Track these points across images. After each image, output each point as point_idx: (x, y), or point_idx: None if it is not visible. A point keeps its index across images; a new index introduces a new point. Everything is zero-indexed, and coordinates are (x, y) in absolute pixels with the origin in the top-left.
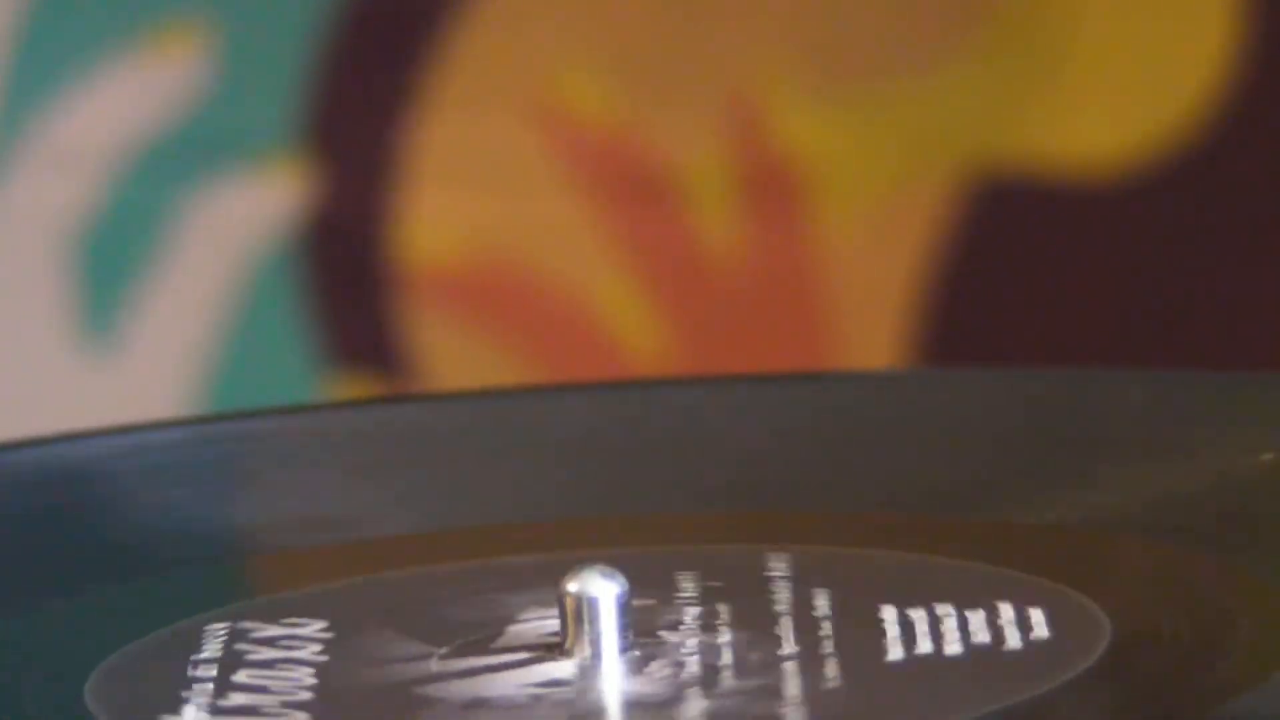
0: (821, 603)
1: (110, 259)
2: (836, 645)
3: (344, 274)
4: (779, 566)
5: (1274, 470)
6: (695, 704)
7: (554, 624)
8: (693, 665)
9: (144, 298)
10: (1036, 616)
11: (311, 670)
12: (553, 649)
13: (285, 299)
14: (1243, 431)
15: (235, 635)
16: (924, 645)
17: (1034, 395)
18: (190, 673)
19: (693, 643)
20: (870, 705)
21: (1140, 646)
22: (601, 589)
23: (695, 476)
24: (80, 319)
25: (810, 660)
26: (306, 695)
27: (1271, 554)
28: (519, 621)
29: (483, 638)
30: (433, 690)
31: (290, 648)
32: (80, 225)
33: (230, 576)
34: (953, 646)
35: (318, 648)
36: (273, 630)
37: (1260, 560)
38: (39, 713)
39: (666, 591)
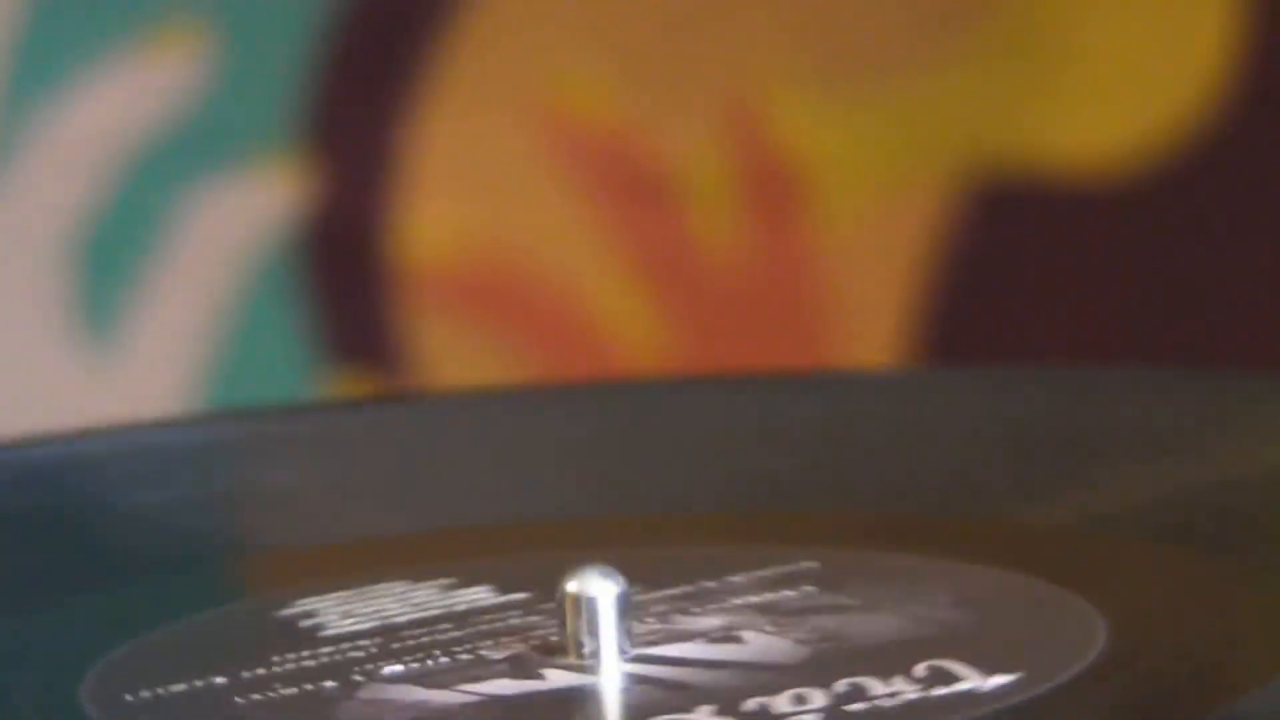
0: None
1: (110, 258)
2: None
3: (343, 273)
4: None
5: (1274, 470)
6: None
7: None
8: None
9: (143, 297)
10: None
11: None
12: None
13: (284, 298)
14: (1243, 431)
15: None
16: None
17: (1034, 395)
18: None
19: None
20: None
21: (1139, 646)
22: (601, 589)
23: (695, 476)
24: (80, 318)
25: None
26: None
27: (1271, 554)
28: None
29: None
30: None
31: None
32: (80, 224)
33: (228, 576)
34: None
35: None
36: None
37: (1260, 560)
38: (36, 712)
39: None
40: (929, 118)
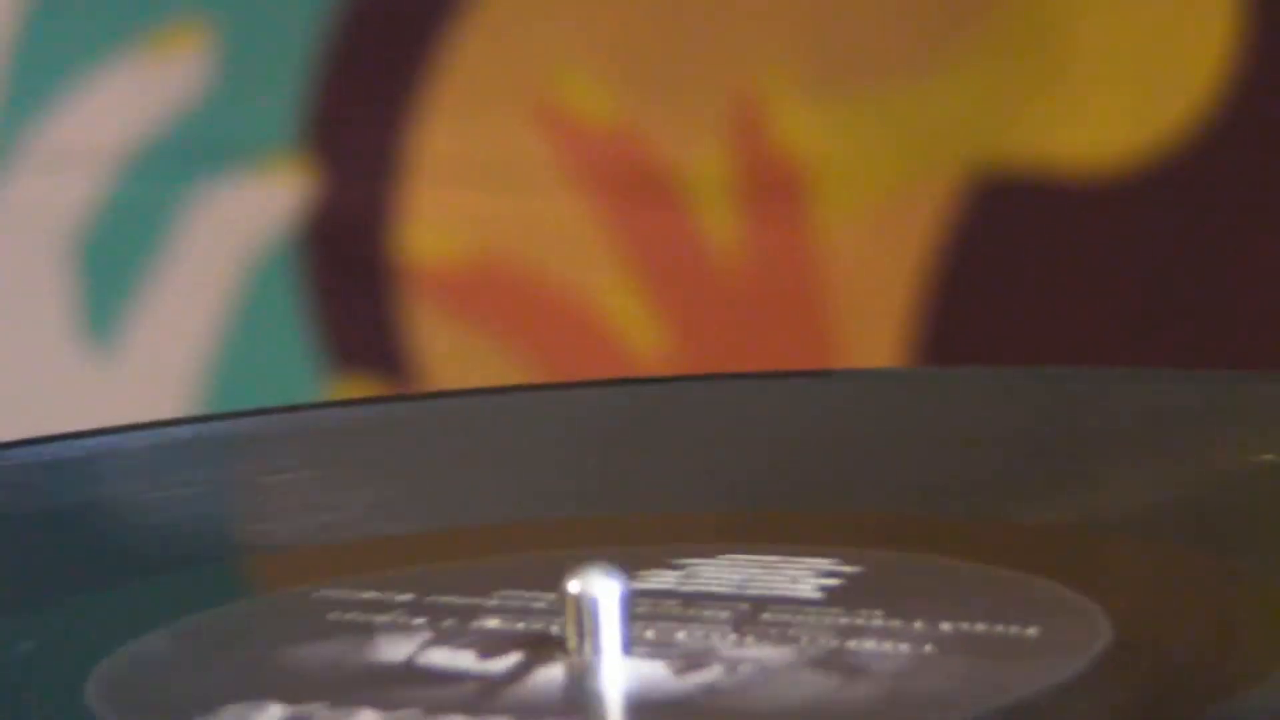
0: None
1: (112, 259)
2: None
3: (345, 274)
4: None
5: (1274, 470)
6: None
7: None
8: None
9: (145, 298)
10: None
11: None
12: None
13: (286, 299)
14: (1243, 431)
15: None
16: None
17: (1034, 395)
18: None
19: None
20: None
21: (1140, 646)
22: (603, 589)
23: (695, 476)
24: (82, 319)
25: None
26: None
27: (1271, 554)
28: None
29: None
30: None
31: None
32: (82, 225)
33: (230, 576)
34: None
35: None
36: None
37: (1260, 560)
38: (39, 712)
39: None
40: (932, 118)
